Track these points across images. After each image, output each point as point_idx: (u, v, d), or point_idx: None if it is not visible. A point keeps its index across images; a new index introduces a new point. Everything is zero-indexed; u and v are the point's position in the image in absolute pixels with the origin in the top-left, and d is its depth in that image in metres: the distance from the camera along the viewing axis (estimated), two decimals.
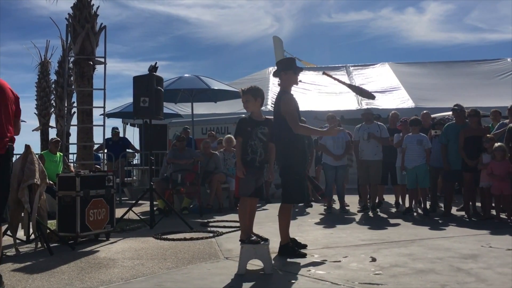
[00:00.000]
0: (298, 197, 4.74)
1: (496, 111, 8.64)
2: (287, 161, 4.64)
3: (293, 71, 4.87)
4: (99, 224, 5.63)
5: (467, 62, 19.58)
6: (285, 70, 4.85)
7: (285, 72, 4.85)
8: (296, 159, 4.66)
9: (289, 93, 4.83)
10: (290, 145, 4.61)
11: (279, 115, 4.68)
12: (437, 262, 4.24)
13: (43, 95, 15.91)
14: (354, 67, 19.42)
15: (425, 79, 17.43)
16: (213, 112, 13.91)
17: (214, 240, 5.65)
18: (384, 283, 3.59)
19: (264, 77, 18.30)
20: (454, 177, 7.47)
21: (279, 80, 4.89)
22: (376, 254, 4.63)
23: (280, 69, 4.89)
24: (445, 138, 7.47)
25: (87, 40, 7.60)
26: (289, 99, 4.71)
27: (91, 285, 3.73)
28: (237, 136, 4.38)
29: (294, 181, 4.63)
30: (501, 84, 16.40)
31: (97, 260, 4.67)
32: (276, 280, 3.81)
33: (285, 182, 4.68)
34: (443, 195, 8.04)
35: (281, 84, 4.89)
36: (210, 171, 8.91)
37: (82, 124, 7.50)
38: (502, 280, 3.60)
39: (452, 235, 5.68)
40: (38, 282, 3.85)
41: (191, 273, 4.05)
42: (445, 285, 3.50)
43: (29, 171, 5.14)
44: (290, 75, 4.85)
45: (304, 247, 4.90)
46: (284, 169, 4.67)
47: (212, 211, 8.45)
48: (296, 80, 4.89)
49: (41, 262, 4.61)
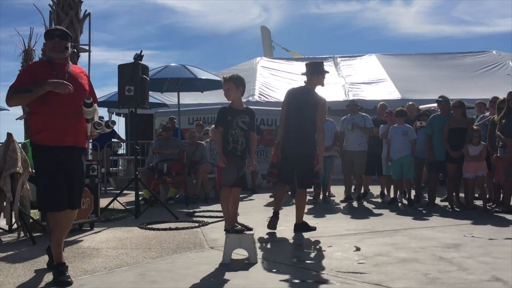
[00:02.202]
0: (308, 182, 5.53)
1: (480, 102, 8.71)
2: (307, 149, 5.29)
3: (323, 75, 5.49)
4: (83, 213, 5.57)
5: (453, 54, 19.73)
6: (318, 73, 5.45)
7: (317, 76, 5.44)
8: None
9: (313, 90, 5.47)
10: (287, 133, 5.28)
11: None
12: (420, 251, 4.28)
13: None
14: (341, 58, 19.45)
15: (411, 71, 17.54)
16: (200, 102, 13.83)
17: (199, 230, 5.64)
18: (367, 272, 3.62)
19: (252, 67, 18.26)
20: (438, 168, 7.54)
21: (306, 79, 5.47)
22: (360, 244, 4.66)
23: (314, 72, 5.46)
24: (430, 129, 7.52)
25: (71, 27, 7.49)
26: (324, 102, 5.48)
27: (74, 274, 3.69)
28: (218, 126, 4.34)
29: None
30: (486, 76, 16.59)
31: (81, 249, 4.63)
32: (260, 269, 3.81)
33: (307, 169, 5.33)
34: (427, 185, 8.12)
35: (308, 84, 5.46)
36: (196, 161, 8.88)
37: None
38: (483, 269, 3.65)
39: (436, 225, 5.74)
40: (20, 271, 3.81)
41: (176, 262, 4.05)
42: (427, 274, 3.54)
43: (11, 159, 5.06)
44: (321, 78, 5.46)
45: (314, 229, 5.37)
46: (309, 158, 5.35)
47: (198, 201, 8.43)
48: (323, 82, 5.52)
49: (24, 252, 4.57)
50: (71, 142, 3.59)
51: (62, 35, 3.64)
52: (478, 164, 6.91)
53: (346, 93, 14.85)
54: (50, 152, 3.53)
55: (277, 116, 11.62)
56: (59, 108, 3.50)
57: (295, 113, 5.30)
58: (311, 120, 5.30)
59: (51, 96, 3.46)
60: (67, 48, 3.64)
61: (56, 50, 3.60)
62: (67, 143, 3.57)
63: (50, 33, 3.67)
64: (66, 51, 3.64)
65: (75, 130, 3.61)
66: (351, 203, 7.98)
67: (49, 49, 3.63)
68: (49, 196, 3.55)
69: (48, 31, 3.70)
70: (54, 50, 3.61)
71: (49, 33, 3.68)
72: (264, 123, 11.91)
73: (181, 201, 8.33)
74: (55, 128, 3.51)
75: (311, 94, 5.41)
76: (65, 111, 3.52)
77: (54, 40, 3.59)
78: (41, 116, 3.54)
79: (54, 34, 3.64)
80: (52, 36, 3.62)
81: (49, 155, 3.54)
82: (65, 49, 3.62)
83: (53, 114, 3.51)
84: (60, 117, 3.52)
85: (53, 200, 3.55)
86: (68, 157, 3.59)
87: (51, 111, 3.50)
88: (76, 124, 3.61)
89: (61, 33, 3.67)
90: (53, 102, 3.48)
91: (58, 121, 3.52)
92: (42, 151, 3.57)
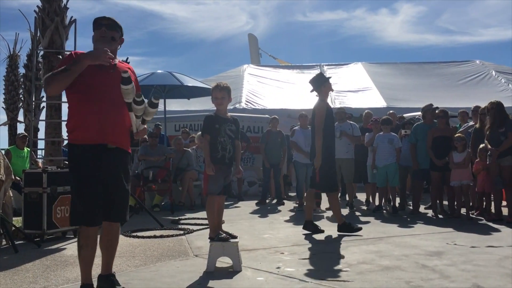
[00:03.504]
0: (326, 187, 5.89)
1: (463, 111, 8.85)
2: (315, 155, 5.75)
3: (328, 81, 5.95)
4: (66, 221, 5.52)
5: (438, 63, 20.01)
6: (324, 83, 5.88)
7: (324, 85, 5.86)
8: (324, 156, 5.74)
9: (325, 102, 5.93)
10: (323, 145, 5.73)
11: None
12: (403, 259, 4.32)
13: (12, 89, 15.56)
14: (328, 66, 19.60)
15: (397, 80, 17.74)
16: (186, 109, 13.81)
17: (184, 237, 5.62)
18: (351, 280, 3.64)
19: (239, 75, 18.29)
20: (422, 176, 7.61)
21: (317, 94, 5.91)
22: (345, 252, 4.69)
23: (319, 85, 5.88)
24: (414, 137, 7.60)
25: (56, 33, 7.45)
26: (323, 106, 5.80)
27: (56, 283, 3.66)
28: (205, 133, 4.33)
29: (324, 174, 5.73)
30: (470, 85, 16.84)
31: (64, 258, 4.58)
32: (244, 277, 3.81)
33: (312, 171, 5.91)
34: (412, 193, 8.20)
35: (319, 95, 5.89)
36: (182, 168, 8.86)
37: (50, 119, 7.34)
38: (465, 277, 3.69)
39: (419, 233, 5.79)
40: (1, 280, 3.75)
41: (160, 271, 4.02)
42: (410, 282, 3.57)
43: None
44: (327, 86, 5.90)
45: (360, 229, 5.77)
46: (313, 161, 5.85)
47: (184, 208, 8.40)
48: (331, 87, 6.05)
49: (5, 260, 4.50)
50: (112, 142, 3.17)
51: (109, 25, 3.27)
52: (462, 172, 6.98)
53: (332, 101, 14.94)
54: (86, 152, 3.11)
55: (264, 123, 11.73)
56: (98, 102, 3.11)
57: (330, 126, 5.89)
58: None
59: (90, 89, 3.11)
60: (114, 39, 3.29)
61: (103, 41, 3.24)
62: (107, 141, 3.15)
63: (97, 22, 3.28)
64: (114, 42, 3.29)
65: (117, 128, 3.19)
66: None
67: (95, 39, 3.26)
68: (80, 207, 3.10)
69: (95, 20, 3.30)
70: (100, 40, 3.25)
71: (96, 22, 3.29)
72: (250, 131, 11.93)
73: (166, 209, 8.29)
74: (94, 124, 3.10)
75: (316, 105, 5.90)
76: (105, 106, 3.12)
77: (101, 30, 3.23)
78: (78, 111, 3.14)
79: (101, 23, 3.27)
80: (99, 25, 3.26)
81: (84, 156, 3.12)
82: (112, 39, 3.27)
83: (92, 108, 3.11)
84: (100, 112, 3.11)
85: (84, 212, 3.09)
86: (108, 160, 3.16)
87: (90, 105, 3.11)
88: (119, 121, 3.20)
89: (108, 22, 3.28)
90: (92, 95, 3.12)
91: (97, 116, 3.10)
92: (76, 151, 3.15)
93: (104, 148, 3.14)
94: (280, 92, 16.43)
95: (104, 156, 3.14)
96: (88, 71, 3.08)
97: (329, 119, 5.86)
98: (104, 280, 3.32)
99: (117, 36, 3.31)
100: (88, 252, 3.16)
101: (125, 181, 3.27)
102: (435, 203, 7.35)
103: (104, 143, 3.14)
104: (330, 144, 5.86)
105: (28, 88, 15.20)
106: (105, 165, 3.14)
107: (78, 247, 3.18)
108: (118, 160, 3.22)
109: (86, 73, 3.08)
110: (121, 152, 3.25)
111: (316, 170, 5.71)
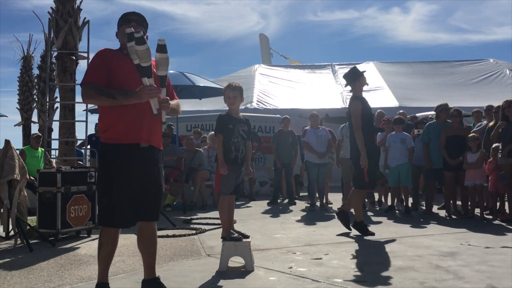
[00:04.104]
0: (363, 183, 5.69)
1: (477, 111, 8.75)
2: (357, 154, 5.60)
3: (362, 75, 5.84)
4: (80, 220, 5.58)
5: (450, 62, 19.83)
6: (358, 78, 5.79)
7: (358, 80, 5.77)
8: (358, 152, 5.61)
9: (360, 97, 5.78)
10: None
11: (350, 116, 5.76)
12: (417, 259, 4.29)
13: (26, 90, 15.71)
14: (339, 66, 19.52)
15: (409, 79, 17.61)
16: (198, 109, 13.86)
17: (196, 237, 5.64)
18: (364, 280, 3.63)
19: (250, 75, 18.30)
20: (435, 175, 7.54)
21: (351, 88, 5.86)
22: (357, 252, 4.67)
23: (353, 79, 5.81)
24: (426, 136, 7.54)
25: (69, 34, 7.49)
26: (357, 104, 5.67)
27: (70, 281, 3.69)
28: (218, 133, 4.33)
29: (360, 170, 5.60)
30: (483, 84, 16.66)
31: (78, 257, 4.63)
32: (257, 277, 3.82)
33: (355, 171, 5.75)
34: (424, 193, 8.13)
35: (353, 90, 5.82)
36: (194, 168, 8.89)
37: (64, 119, 7.40)
38: (479, 278, 3.66)
39: (432, 233, 5.75)
40: (17, 279, 3.80)
41: (172, 270, 4.04)
42: (424, 282, 3.54)
43: (9, 166, 5.08)
44: (361, 80, 5.81)
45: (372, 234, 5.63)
46: (354, 160, 5.70)
47: (196, 208, 8.43)
48: (366, 81, 5.89)
49: (20, 259, 4.56)
50: (145, 141, 3.10)
51: (139, 21, 3.18)
52: (475, 172, 6.91)
53: (344, 100, 14.88)
54: (119, 152, 3.05)
55: (275, 123, 11.71)
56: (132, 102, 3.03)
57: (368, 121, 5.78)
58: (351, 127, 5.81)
59: (122, 87, 3.02)
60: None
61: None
62: (140, 141, 3.08)
63: (126, 17, 3.18)
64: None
65: (150, 127, 3.12)
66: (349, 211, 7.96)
67: (124, 34, 3.07)
68: (109, 208, 3.03)
69: (123, 16, 3.21)
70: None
71: (124, 17, 3.19)
72: (262, 130, 11.93)
73: (178, 208, 8.33)
74: (128, 123, 3.04)
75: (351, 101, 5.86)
76: (139, 106, 3.03)
77: (131, 25, 3.08)
78: (112, 111, 3.06)
79: (130, 18, 3.16)
80: (128, 20, 3.14)
81: (116, 156, 3.05)
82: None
83: (126, 108, 3.01)
84: (134, 112, 3.03)
85: (113, 214, 3.00)
86: (141, 159, 3.09)
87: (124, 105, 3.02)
88: (151, 120, 3.09)
89: (137, 18, 3.19)
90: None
91: (131, 116, 3.04)
92: (108, 150, 3.08)
93: (137, 148, 3.08)
94: (291, 92, 16.41)
95: (137, 156, 3.08)
96: (122, 70, 3.06)
97: (366, 116, 5.72)
98: (150, 285, 3.23)
99: (145, 32, 3.19)
100: (108, 250, 3.11)
101: (160, 179, 3.21)
102: (448, 204, 7.29)
103: (137, 143, 3.08)
104: (371, 140, 5.80)
105: (42, 89, 15.34)
106: (138, 165, 3.08)
107: (99, 245, 3.11)
108: (151, 158, 3.16)
109: (120, 72, 3.05)
110: (154, 150, 3.18)
111: (364, 170, 5.58)
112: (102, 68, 3.06)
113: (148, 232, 3.24)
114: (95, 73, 3.06)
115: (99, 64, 3.08)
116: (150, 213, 3.19)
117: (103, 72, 3.05)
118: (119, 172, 3.04)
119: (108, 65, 3.06)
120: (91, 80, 3.04)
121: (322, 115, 10.98)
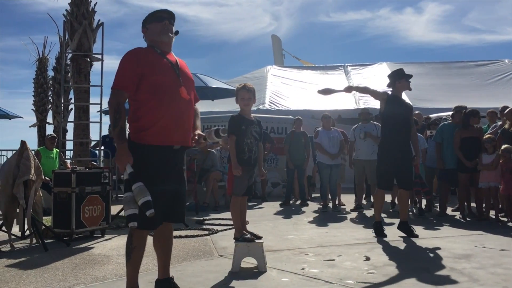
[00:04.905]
0: (384, 183, 5.73)
1: (492, 111, 8.65)
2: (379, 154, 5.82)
3: (405, 79, 5.81)
4: (94, 220, 5.63)
5: (465, 63, 19.60)
6: (398, 80, 5.79)
7: (399, 82, 5.78)
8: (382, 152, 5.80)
9: (392, 98, 5.81)
10: (383, 140, 5.82)
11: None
12: (430, 261, 4.26)
13: (41, 91, 15.87)
14: (352, 67, 19.42)
15: (422, 79, 17.42)
16: (210, 110, 13.91)
17: (209, 237, 5.66)
18: (377, 282, 3.61)
19: (262, 76, 18.30)
20: (449, 177, 7.45)
21: (392, 88, 5.89)
22: (370, 253, 4.65)
23: (393, 80, 5.84)
24: (439, 137, 7.48)
25: (84, 36, 7.58)
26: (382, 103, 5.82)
27: (85, 281, 3.73)
28: (230, 134, 4.33)
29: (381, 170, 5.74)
30: (498, 85, 16.44)
31: (92, 256, 4.67)
32: (269, 278, 3.82)
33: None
34: (438, 195, 8.06)
35: (393, 91, 5.87)
36: (207, 169, 8.92)
37: (78, 120, 7.49)
38: (495, 280, 3.62)
39: (446, 235, 5.70)
40: (32, 278, 3.85)
41: (185, 270, 4.07)
42: (438, 285, 3.51)
43: (25, 167, 5.15)
44: (403, 83, 5.80)
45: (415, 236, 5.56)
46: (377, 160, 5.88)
47: (208, 209, 8.45)
48: (408, 85, 5.87)
49: (36, 258, 4.62)
50: (177, 142, 3.09)
51: (171, 19, 3.17)
52: (490, 174, 6.83)
53: (356, 101, 14.80)
54: (151, 153, 3.00)
55: (288, 124, 11.70)
56: (167, 103, 3.01)
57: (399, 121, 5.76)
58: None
59: (160, 89, 3.01)
60: (175, 33, 3.20)
61: (167, 32, 3.13)
62: (173, 143, 3.07)
63: (158, 15, 3.14)
64: (173, 37, 3.20)
65: (184, 127, 3.11)
66: (362, 212, 7.95)
67: (158, 31, 3.11)
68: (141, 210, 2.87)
69: (154, 13, 3.16)
70: (164, 32, 3.12)
71: (156, 15, 3.15)
72: (274, 132, 11.92)
73: (191, 209, 8.35)
74: (164, 125, 3.00)
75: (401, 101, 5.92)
76: (175, 106, 3.04)
77: (164, 23, 3.10)
78: (146, 112, 3.00)
79: (162, 16, 3.14)
80: (160, 18, 3.12)
81: (148, 157, 3.00)
82: (174, 33, 3.18)
83: (161, 109, 3.00)
84: (169, 114, 3.01)
85: (148, 217, 2.83)
86: (172, 161, 3.09)
87: (159, 107, 3.00)
88: (186, 120, 3.12)
89: (170, 16, 3.17)
90: (160, 96, 3.00)
91: (170, 116, 3.02)
92: (144, 152, 2.99)
93: (171, 150, 3.07)
94: (304, 93, 16.36)
95: (170, 158, 3.08)
96: (156, 71, 3.03)
97: (396, 117, 5.69)
98: (164, 285, 3.23)
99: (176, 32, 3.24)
100: (140, 254, 3.07)
101: (185, 179, 3.24)
102: (463, 205, 7.22)
103: (170, 145, 3.06)
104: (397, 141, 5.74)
105: (56, 90, 15.52)
106: (171, 167, 3.08)
107: (130, 249, 3.04)
108: (181, 158, 3.20)
109: (154, 73, 3.02)
110: (183, 150, 3.18)
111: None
112: (134, 73, 2.99)
113: (167, 232, 3.24)
114: (125, 80, 3.00)
115: (130, 69, 3.01)
116: (180, 214, 3.21)
117: (134, 77, 2.98)
118: (155, 174, 3.00)
119: (141, 68, 2.99)
120: (120, 86, 3.00)
121: (334, 116, 10.95)
